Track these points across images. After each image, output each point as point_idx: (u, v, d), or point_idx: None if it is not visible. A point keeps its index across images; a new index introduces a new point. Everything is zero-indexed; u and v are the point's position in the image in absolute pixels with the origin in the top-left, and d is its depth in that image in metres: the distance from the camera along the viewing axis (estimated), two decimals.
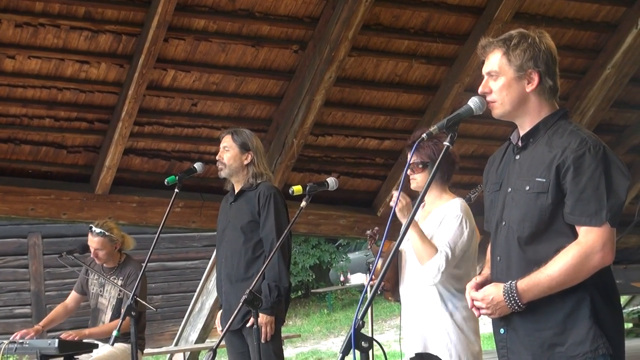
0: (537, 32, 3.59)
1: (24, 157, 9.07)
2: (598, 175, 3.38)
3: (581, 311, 3.42)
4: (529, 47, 3.53)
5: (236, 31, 8.77)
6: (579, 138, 3.44)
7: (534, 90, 3.54)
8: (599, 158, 3.39)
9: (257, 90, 9.29)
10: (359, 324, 3.16)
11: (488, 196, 3.74)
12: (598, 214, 3.37)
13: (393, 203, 3.87)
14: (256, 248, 6.12)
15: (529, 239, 3.48)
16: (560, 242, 3.43)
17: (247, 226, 6.13)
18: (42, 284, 16.66)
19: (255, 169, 6.21)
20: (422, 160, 5.14)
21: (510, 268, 3.52)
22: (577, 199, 3.38)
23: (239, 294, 5.53)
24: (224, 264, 6.26)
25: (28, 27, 8.22)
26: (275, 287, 5.97)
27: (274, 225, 6.05)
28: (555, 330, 3.44)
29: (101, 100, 8.89)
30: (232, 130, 6.36)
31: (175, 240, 17.62)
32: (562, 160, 3.41)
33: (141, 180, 9.56)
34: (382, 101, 9.77)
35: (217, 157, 6.29)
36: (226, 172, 6.24)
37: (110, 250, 7.23)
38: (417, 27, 9.21)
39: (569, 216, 3.41)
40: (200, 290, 10.48)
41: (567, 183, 3.39)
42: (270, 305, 5.95)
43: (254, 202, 6.12)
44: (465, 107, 3.54)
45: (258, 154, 6.26)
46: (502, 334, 3.59)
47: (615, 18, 9.72)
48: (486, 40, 3.63)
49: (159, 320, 16.87)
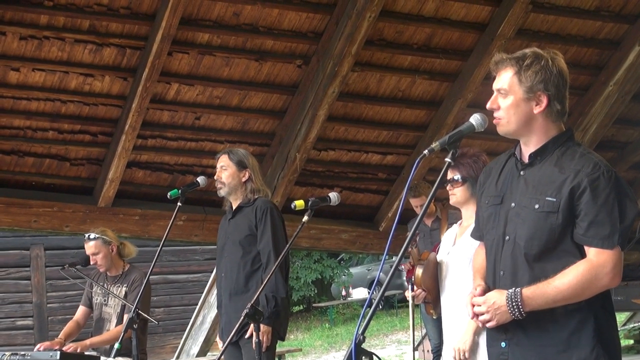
0: (551, 54, 3.59)
1: (27, 169, 9.10)
2: (612, 199, 3.42)
3: (585, 330, 3.43)
4: (541, 69, 3.53)
5: (240, 45, 8.80)
6: (592, 162, 3.48)
7: (541, 112, 3.56)
8: (612, 183, 3.44)
9: (260, 104, 9.31)
10: (360, 338, 3.17)
11: (486, 208, 3.73)
12: (611, 237, 3.41)
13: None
14: (254, 261, 6.21)
15: (537, 256, 3.50)
16: (567, 261, 3.46)
17: (245, 240, 6.23)
18: (45, 296, 16.64)
19: (252, 185, 6.34)
20: (462, 176, 5.14)
21: (515, 283, 3.52)
22: (591, 222, 3.41)
23: (238, 307, 5.79)
24: (224, 279, 6.35)
25: (33, 39, 8.24)
26: (272, 297, 6.06)
27: (270, 238, 6.16)
28: (559, 348, 3.45)
29: (105, 113, 8.91)
30: (227, 150, 6.50)
31: (177, 253, 17.61)
32: (577, 183, 3.43)
33: (144, 193, 9.58)
34: (385, 116, 9.79)
35: (215, 177, 6.38)
36: (225, 191, 6.35)
37: (106, 253, 7.23)
38: (421, 42, 9.23)
39: (581, 237, 3.44)
40: (202, 304, 10.48)
41: (582, 204, 3.42)
42: (267, 316, 6.00)
43: (251, 216, 6.23)
44: (467, 124, 3.55)
45: (255, 171, 6.40)
46: (503, 348, 3.58)
47: (618, 35, 9.74)
48: (500, 56, 3.64)
49: (160, 333, 16.84)
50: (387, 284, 3.36)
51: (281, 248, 6.13)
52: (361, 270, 25.87)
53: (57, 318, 16.30)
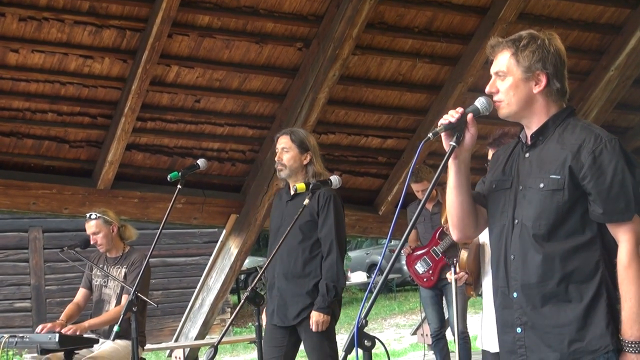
0: (547, 34, 3.58)
1: (26, 151, 9.08)
2: (620, 170, 3.39)
3: (599, 306, 3.42)
4: (537, 48, 3.52)
5: (240, 28, 8.77)
6: (593, 134, 3.45)
7: (541, 91, 3.54)
8: (617, 153, 3.41)
9: (260, 87, 9.29)
10: (362, 322, 3.15)
11: (496, 193, 3.70)
12: (628, 208, 3.40)
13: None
14: (313, 247, 6.14)
15: (545, 236, 3.47)
16: (575, 240, 3.44)
17: (305, 225, 6.12)
18: (43, 278, 16.64)
19: (314, 168, 6.21)
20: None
21: (525, 266, 3.51)
22: (606, 198, 3.39)
23: (295, 290, 6.01)
24: (279, 261, 6.23)
25: (32, 21, 8.21)
26: (333, 287, 6.04)
27: (333, 227, 6.08)
28: (577, 325, 3.43)
29: (104, 95, 8.88)
30: (288, 130, 6.38)
31: (175, 236, 17.61)
32: (579, 159, 3.42)
33: (143, 175, 9.57)
34: (385, 100, 9.77)
35: (276, 159, 6.26)
36: (286, 173, 6.22)
37: (107, 233, 7.22)
38: (422, 26, 9.21)
39: (600, 216, 3.41)
40: (200, 287, 10.46)
41: (591, 182, 3.40)
42: (327, 305, 6.01)
43: (314, 202, 6.08)
44: (472, 107, 3.53)
45: (316, 154, 6.28)
46: (519, 333, 3.56)
47: (620, 20, 9.72)
48: (495, 40, 3.62)
49: (158, 316, 16.86)
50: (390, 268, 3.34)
51: (343, 237, 6.12)
52: (360, 254, 25.89)
53: (55, 300, 16.31)
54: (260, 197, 9.56)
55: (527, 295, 3.51)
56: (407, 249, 9.01)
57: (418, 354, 12.27)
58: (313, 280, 6.07)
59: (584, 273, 3.44)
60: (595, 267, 3.44)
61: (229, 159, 9.73)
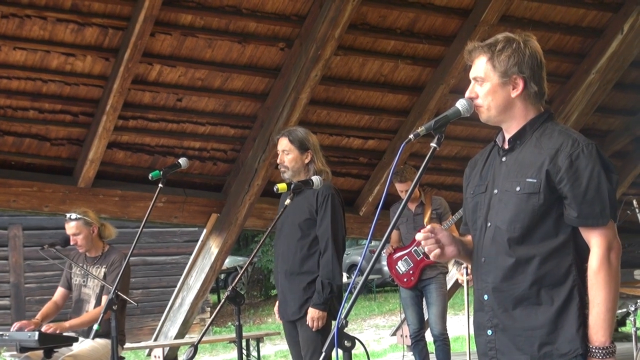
0: (523, 37, 3.59)
1: (7, 148, 9.04)
2: (596, 175, 3.41)
3: (571, 310, 3.43)
4: (513, 52, 3.53)
5: (223, 27, 8.76)
6: (570, 139, 3.47)
7: (519, 95, 3.56)
8: (594, 157, 3.43)
9: (242, 87, 9.29)
10: (342, 322, 3.16)
11: (472, 199, 3.72)
12: (603, 213, 3.41)
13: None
14: (312, 245, 6.18)
15: (519, 239, 3.49)
16: (548, 244, 3.45)
17: (304, 223, 6.18)
18: (22, 276, 16.59)
19: (315, 166, 6.26)
20: None
21: (496, 269, 3.52)
22: (581, 203, 3.40)
23: (293, 287, 6.10)
24: (280, 259, 6.34)
25: (14, 18, 8.18)
26: (328, 284, 6.06)
27: (330, 225, 6.11)
28: (547, 329, 3.45)
29: (86, 93, 8.86)
30: (286, 132, 6.39)
31: (156, 235, 17.60)
32: (556, 162, 3.43)
33: (124, 174, 9.55)
34: (367, 101, 9.79)
35: (277, 161, 6.32)
36: (289, 175, 6.26)
37: (87, 234, 7.20)
38: (404, 27, 9.23)
39: (575, 220, 3.43)
40: (180, 286, 10.45)
41: (567, 186, 3.41)
42: (323, 301, 6.04)
43: (312, 200, 6.16)
44: (453, 109, 3.55)
45: (316, 151, 6.31)
46: (489, 336, 3.58)
47: (601, 24, 9.77)
48: (472, 45, 3.64)
49: (138, 315, 16.83)
50: (370, 269, 3.35)
51: (340, 235, 6.14)
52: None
53: (35, 298, 16.26)
54: (242, 197, 9.56)
55: (498, 298, 3.54)
56: (389, 249, 9.02)
57: (397, 355, 12.30)
58: (310, 277, 6.11)
59: (556, 277, 3.46)
60: (567, 271, 3.46)
61: (211, 158, 9.72)
